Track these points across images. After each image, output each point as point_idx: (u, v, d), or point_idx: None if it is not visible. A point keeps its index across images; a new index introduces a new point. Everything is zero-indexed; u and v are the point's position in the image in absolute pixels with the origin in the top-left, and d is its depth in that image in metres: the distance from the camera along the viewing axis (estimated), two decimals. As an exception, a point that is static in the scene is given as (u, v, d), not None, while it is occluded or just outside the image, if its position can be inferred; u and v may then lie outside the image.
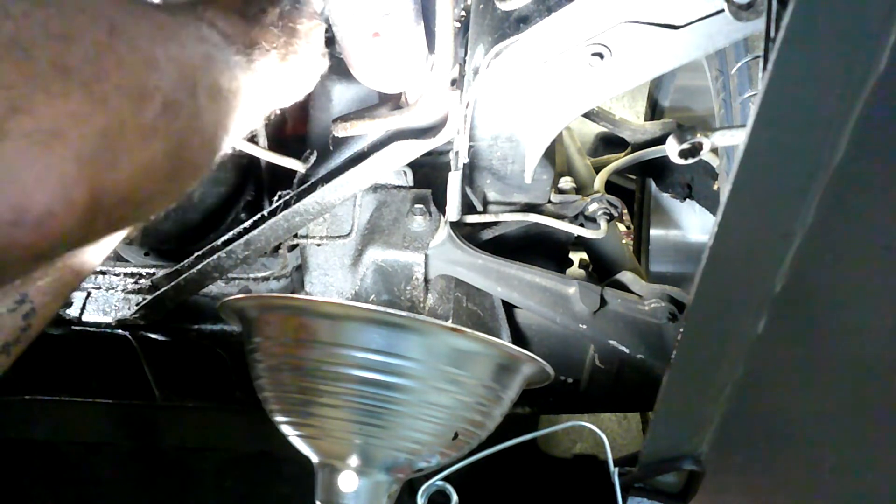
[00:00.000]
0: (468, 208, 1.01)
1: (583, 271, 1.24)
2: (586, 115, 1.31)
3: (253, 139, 0.99)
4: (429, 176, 1.04)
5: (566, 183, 1.09)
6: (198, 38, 0.53)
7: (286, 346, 0.79)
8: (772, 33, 0.51)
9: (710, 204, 1.29)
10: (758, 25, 0.64)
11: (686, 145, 0.62)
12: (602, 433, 0.82)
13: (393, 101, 0.93)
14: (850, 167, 0.50)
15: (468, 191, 1.01)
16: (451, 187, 0.94)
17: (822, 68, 0.46)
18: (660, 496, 0.75)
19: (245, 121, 0.62)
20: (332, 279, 1.05)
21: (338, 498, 0.79)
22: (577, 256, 1.23)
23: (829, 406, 0.67)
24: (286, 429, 0.82)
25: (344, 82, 0.99)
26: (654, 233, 1.64)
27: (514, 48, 0.79)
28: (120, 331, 1.07)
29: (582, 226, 1.05)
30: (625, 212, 1.53)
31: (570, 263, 1.22)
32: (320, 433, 0.79)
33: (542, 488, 1.56)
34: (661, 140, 1.28)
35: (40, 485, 1.54)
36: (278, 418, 0.82)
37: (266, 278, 1.09)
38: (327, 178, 0.94)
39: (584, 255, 1.20)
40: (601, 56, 0.77)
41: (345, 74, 0.93)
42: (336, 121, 0.91)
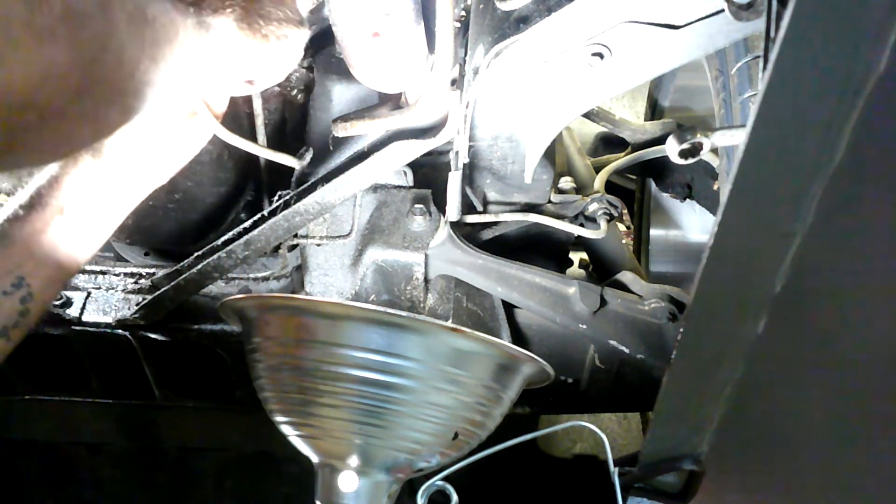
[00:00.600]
0: (468, 208, 1.01)
1: (583, 271, 1.24)
2: (586, 115, 1.31)
3: (252, 138, 0.99)
4: (429, 176, 1.04)
5: (566, 183, 1.09)
6: None
7: (286, 346, 0.79)
8: (772, 33, 0.51)
9: (710, 204, 1.29)
10: (758, 25, 0.64)
11: (686, 145, 0.62)
12: (602, 433, 0.82)
13: (393, 101, 0.93)
14: (850, 167, 0.50)
15: (468, 191, 1.01)
16: (451, 187, 0.94)
17: (822, 68, 0.46)
18: (660, 496, 0.75)
19: (188, 70, 0.59)
20: (332, 279, 1.05)
21: (338, 498, 0.79)
22: (577, 256, 1.23)
23: (828, 406, 0.67)
24: (286, 429, 0.82)
25: (344, 82, 1.00)
26: (654, 233, 1.64)
27: (514, 48, 0.79)
28: (120, 331, 1.07)
29: (582, 226, 1.05)
30: (625, 212, 1.53)
31: (570, 263, 1.22)
32: (320, 433, 0.79)
33: (542, 488, 1.56)
34: (661, 140, 1.28)
35: (40, 485, 1.54)
36: (278, 418, 0.82)
37: (266, 278, 1.09)
38: (327, 178, 0.94)
39: (584, 255, 1.20)
40: (601, 56, 0.77)
41: (345, 74, 0.93)
42: (336, 121, 0.90)
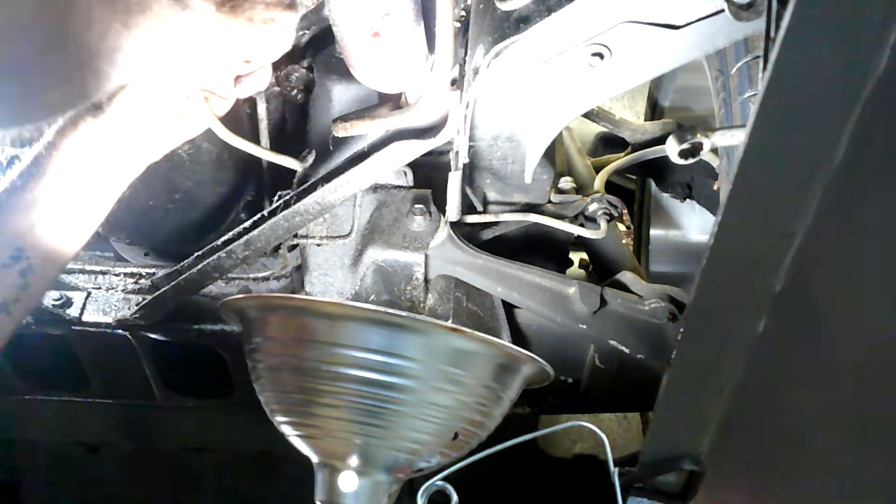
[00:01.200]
0: (468, 208, 1.01)
1: (583, 271, 1.25)
2: (586, 115, 1.31)
3: (254, 139, 0.99)
4: (429, 176, 1.04)
5: (566, 183, 1.09)
6: None
7: (286, 346, 0.79)
8: (772, 33, 0.51)
9: (710, 204, 1.29)
10: (758, 25, 0.64)
11: (686, 145, 0.62)
12: (602, 433, 0.82)
13: (393, 101, 0.93)
14: (850, 167, 0.50)
15: (468, 191, 1.01)
16: (451, 187, 0.94)
17: (822, 68, 0.46)
18: (660, 496, 0.75)
19: (167, 46, 0.58)
20: (332, 279, 1.05)
21: (338, 498, 0.79)
22: (577, 256, 1.23)
23: (828, 406, 0.67)
24: (286, 429, 0.82)
25: (344, 82, 1.00)
26: (654, 233, 1.64)
27: (514, 48, 0.79)
28: (120, 331, 1.07)
29: (582, 226, 1.05)
30: (625, 212, 1.53)
31: (570, 263, 1.22)
32: (320, 433, 0.79)
33: (542, 488, 1.56)
34: (661, 140, 1.28)
35: (40, 485, 1.54)
36: (278, 418, 0.82)
37: (266, 278, 1.09)
38: (327, 178, 0.94)
39: (584, 255, 1.20)
40: (601, 56, 0.77)
41: (345, 74, 0.93)
42: (336, 121, 0.90)
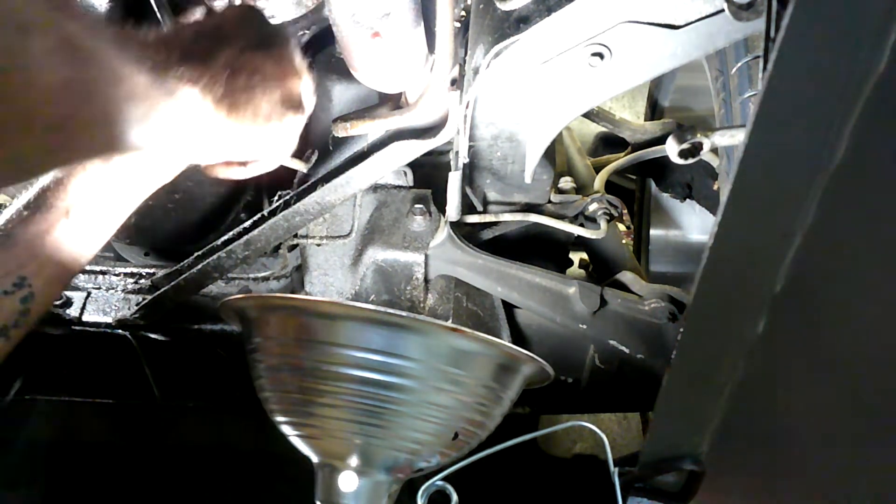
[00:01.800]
0: (468, 208, 1.01)
1: (583, 271, 1.24)
2: (586, 115, 1.31)
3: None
4: (429, 176, 1.04)
5: (566, 183, 1.09)
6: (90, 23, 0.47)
7: (286, 346, 0.79)
8: (772, 33, 0.51)
9: (710, 204, 1.29)
10: (758, 25, 0.64)
11: (686, 145, 0.62)
12: (602, 433, 0.82)
13: (393, 101, 0.93)
14: (850, 167, 0.50)
15: (468, 191, 1.01)
16: (451, 187, 0.94)
17: (822, 68, 0.46)
18: (660, 496, 0.75)
19: (145, 124, 0.52)
20: (332, 279, 1.05)
21: (338, 498, 0.79)
22: (577, 256, 1.23)
23: (828, 406, 0.67)
24: (286, 429, 0.82)
25: (344, 82, 0.99)
26: (654, 233, 1.64)
27: (514, 48, 0.79)
28: (120, 331, 1.07)
29: (582, 226, 1.05)
30: (625, 212, 1.53)
31: (570, 263, 1.21)
32: (320, 433, 0.79)
33: (542, 488, 1.56)
34: (661, 140, 1.28)
35: (41, 485, 1.54)
36: (278, 418, 0.82)
37: (266, 278, 1.09)
38: (327, 178, 0.94)
39: (584, 255, 1.20)
40: (601, 56, 0.77)
41: (345, 74, 0.93)
42: (336, 121, 0.90)
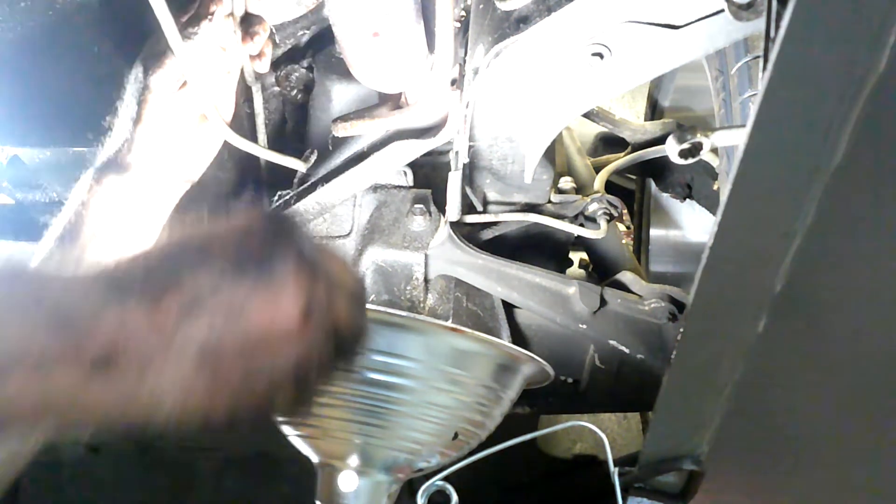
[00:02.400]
0: (468, 208, 1.01)
1: (583, 271, 1.24)
2: (586, 115, 1.31)
3: (253, 138, 0.98)
4: (429, 176, 1.04)
5: (566, 183, 1.09)
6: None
7: (286, 346, 0.79)
8: (772, 33, 0.51)
9: (710, 204, 1.29)
10: (758, 25, 0.64)
11: (686, 145, 0.62)
12: (602, 433, 0.82)
13: (393, 101, 0.93)
14: (850, 167, 0.50)
15: (468, 191, 1.01)
16: (451, 187, 0.94)
17: (822, 68, 0.46)
18: (660, 496, 0.75)
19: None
20: (332, 279, 1.04)
21: (338, 498, 0.79)
22: (577, 256, 1.23)
23: (828, 406, 0.67)
24: (286, 429, 0.82)
25: (344, 82, 0.99)
26: (654, 233, 1.64)
27: (514, 48, 0.79)
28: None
29: (582, 226, 1.05)
30: (625, 212, 1.53)
31: (570, 263, 1.21)
32: (320, 433, 0.78)
33: (542, 488, 1.56)
34: (661, 140, 1.28)
35: (40, 485, 1.54)
36: (278, 418, 0.82)
37: (266, 278, 1.08)
38: (327, 178, 0.94)
39: (584, 255, 1.20)
40: (601, 56, 0.77)
41: (345, 74, 0.93)
42: (336, 121, 0.90)
